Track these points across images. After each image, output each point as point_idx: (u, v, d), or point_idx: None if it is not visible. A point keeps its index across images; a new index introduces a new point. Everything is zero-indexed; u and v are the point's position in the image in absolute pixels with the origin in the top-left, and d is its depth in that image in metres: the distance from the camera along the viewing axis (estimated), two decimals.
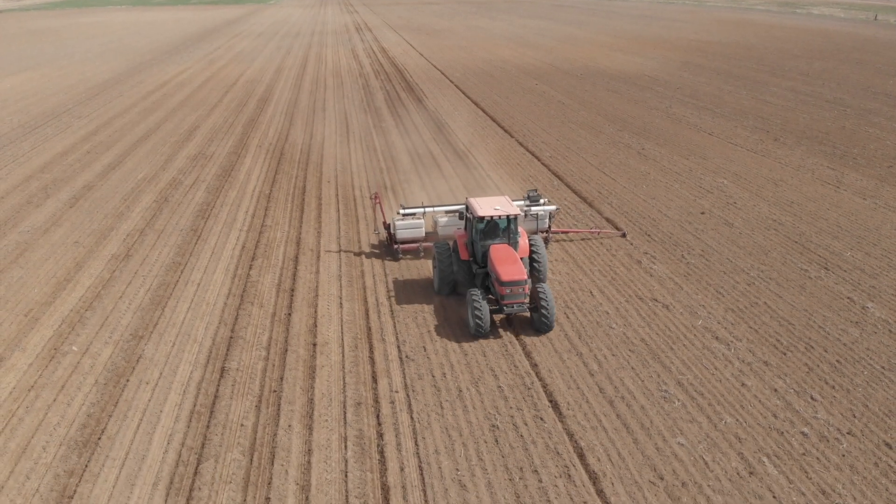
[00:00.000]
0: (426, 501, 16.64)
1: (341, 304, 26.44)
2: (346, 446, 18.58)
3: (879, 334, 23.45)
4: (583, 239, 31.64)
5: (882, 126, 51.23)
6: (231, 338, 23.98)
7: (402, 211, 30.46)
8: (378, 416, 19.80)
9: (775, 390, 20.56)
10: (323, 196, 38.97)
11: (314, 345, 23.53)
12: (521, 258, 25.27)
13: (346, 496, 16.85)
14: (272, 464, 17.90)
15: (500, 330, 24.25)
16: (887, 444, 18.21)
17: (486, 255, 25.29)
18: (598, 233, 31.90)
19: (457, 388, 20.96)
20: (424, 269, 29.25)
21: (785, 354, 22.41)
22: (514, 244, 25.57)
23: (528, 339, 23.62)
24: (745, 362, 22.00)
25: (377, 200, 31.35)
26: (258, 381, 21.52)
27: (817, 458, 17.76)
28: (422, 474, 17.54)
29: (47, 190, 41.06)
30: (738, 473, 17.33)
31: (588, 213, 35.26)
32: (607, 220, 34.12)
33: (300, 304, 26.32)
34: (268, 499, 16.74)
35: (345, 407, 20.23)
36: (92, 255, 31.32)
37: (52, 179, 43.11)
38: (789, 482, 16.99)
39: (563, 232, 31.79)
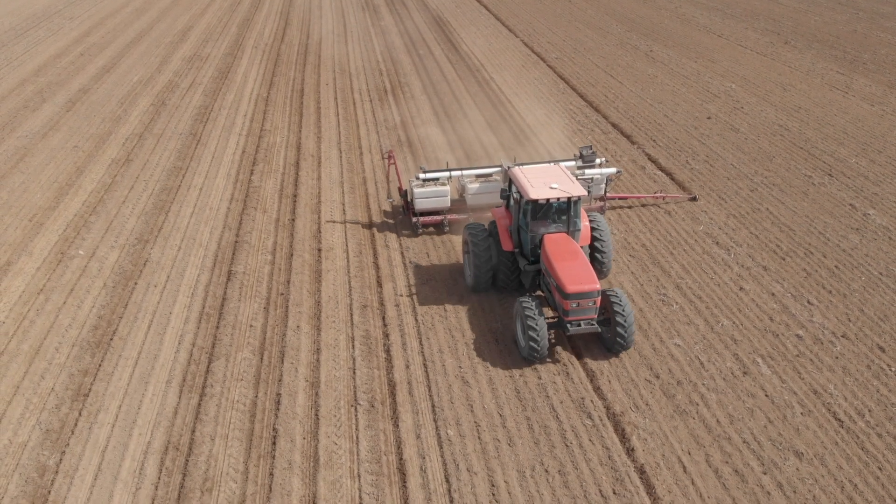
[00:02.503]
0: (431, 396, 17.28)
1: (344, 210, 26.50)
2: (353, 345, 19.12)
3: (879, 241, 23.64)
4: (643, 205, 26.36)
5: (894, 31, 49.73)
6: (236, 242, 24.18)
7: (421, 175, 24.68)
8: (384, 318, 20.26)
9: (773, 294, 20.92)
10: (322, 100, 38.32)
11: (319, 250, 23.76)
12: (581, 246, 19.87)
13: (355, 391, 17.48)
14: (282, 362, 18.46)
15: None
16: (880, 348, 18.69)
17: (537, 246, 19.69)
18: (664, 198, 26.46)
19: (459, 294, 21.33)
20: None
21: (784, 260, 22.67)
22: (575, 233, 19.77)
23: None
24: (745, 267, 22.28)
25: (391, 161, 26.52)
26: (265, 285, 21.87)
27: (811, 360, 18.28)
28: (426, 371, 18.13)
29: (42, 94, 40.30)
30: (732, 373, 17.88)
31: (594, 117, 34.77)
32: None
33: (303, 210, 26.39)
34: (279, 394, 17.36)
35: (351, 309, 20.67)
36: (92, 160, 31.12)
37: (46, 83, 42.24)
38: (782, 381, 17.56)
39: (621, 198, 26.24)
